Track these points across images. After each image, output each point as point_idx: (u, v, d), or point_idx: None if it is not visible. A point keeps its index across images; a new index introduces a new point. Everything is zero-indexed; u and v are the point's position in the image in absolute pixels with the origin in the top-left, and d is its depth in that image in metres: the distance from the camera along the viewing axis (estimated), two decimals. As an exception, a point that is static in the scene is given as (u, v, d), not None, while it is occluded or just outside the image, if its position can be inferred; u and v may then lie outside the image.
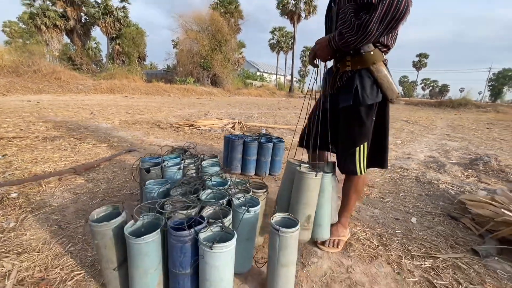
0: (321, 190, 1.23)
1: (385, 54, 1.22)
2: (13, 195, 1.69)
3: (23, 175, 2.04)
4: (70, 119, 4.77)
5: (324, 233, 1.32)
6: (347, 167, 1.30)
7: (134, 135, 3.78)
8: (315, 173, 1.16)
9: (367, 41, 1.06)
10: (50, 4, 21.79)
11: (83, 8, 23.21)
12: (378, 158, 1.35)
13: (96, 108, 6.68)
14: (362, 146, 1.26)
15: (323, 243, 1.39)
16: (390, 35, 1.17)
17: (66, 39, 24.06)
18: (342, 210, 1.47)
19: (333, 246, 1.38)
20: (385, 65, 1.22)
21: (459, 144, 4.85)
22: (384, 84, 1.19)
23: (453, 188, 2.42)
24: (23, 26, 22.93)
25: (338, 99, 1.28)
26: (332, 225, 1.42)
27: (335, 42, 1.12)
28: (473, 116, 11.90)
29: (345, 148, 1.29)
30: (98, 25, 23.36)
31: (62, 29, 22.49)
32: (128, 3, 24.27)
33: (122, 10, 24.07)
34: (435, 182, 2.60)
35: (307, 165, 1.31)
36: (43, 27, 21.29)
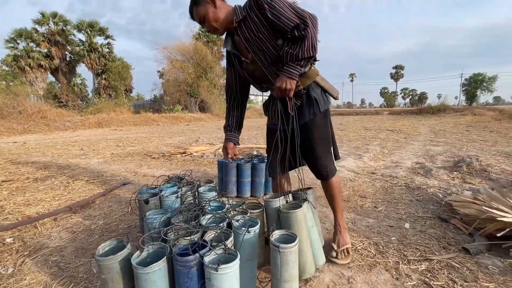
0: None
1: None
2: (9, 240, 1.67)
3: (17, 219, 2.01)
4: (60, 157, 4.72)
5: (320, 259, 1.33)
6: (331, 169, 1.42)
7: (127, 168, 3.78)
8: (298, 209, 1.21)
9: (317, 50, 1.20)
10: (34, 46, 22.11)
11: (68, 47, 23.63)
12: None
13: (86, 143, 6.64)
14: (331, 150, 1.46)
15: (336, 256, 1.42)
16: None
17: (51, 78, 24.21)
18: (336, 214, 1.52)
19: (345, 256, 1.43)
20: None
21: (442, 148, 5.07)
22: (328, 88, 1.39)
23: (441, 191, 2.53)
24: (6, 68, 23.05)
25: (301, 116, 1.38)
26: (334, 235, 1.49)
27: (297, 68, 1.20)
28: (452, 120, 12.47)
29: (324, 152, 1.40)
30: (84, 62, 23.69)
31: (46, 69, 22.68)
32: (113, 39, 24.94)
33: (107, 46, 24.64)
34: (423, 187, 2.71)
35: (282, 199, 1.34)
36: (27, 68, 21.42)
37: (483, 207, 1.58)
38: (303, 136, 1.38)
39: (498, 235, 1.41)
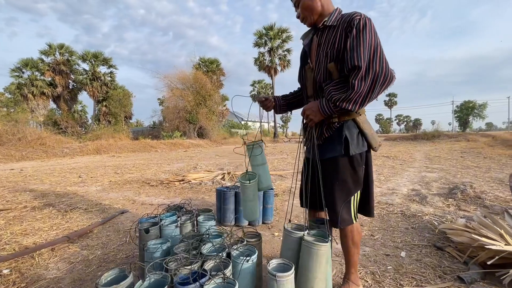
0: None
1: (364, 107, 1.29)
2: (5, 271, 1.66)
3: (14, 249, 2.00)
4: (58, 185, 4.72)
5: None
6: (343, 218, 1.26)
7: (125, 196, 3.79)
8: (325, 242, 1.14)
9: (362, 106, 1.12)
10: (39, 75, 22.85)
11: (72, 76, 24.43)
12: (365, 206, 1.38)
13: (84, 170, 6.65)
14: (356, 194, 1.28)
15: None
16: None
17: (53, 105, 24.70)
18: (348, 267, 1.41)
19: None
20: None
21: (437, 174, 5.15)
22: (368, 134, 1.25)
23: (436, 219, 2.57)
24: (9, 96, 23.60)
25: (326, 150, 1.29)
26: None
27: (329, 109, 1.16)
28: (447, 146, 12.71)
29: (340, 197, 1.25)
30: (86, 90, 24.37)
31: (49, 96, 23.26)
32: (116, 69, 25.91)
33: (109, 75, 25.53)
34: (419, 214, 2.74)
35: (306, 229, 1.28)
36: (30, 95, 21.94)
37: (473, 235, 1.63)
38: (324, 172, 1.28)
39: (489, 263, 1.45)
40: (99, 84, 24.46)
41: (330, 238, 1.19)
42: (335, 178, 1.25)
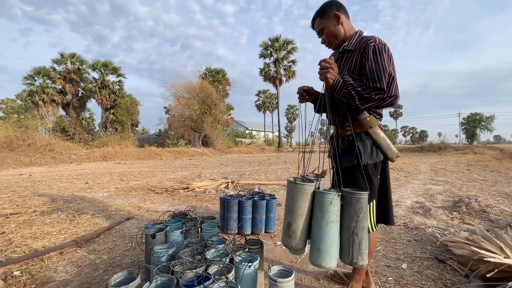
0: (321, 209, 1.15)
1: (379, 121, 1.38)
2: (16, 273, 1.73)
3: (24, 252, 2.07)
4: (65, 190, 4.83)
5: (323, 260, 1.14)
6: None
7: (131, 202, 3.86)
8: (296, 182, 1.20)
9: (362, 106, 1.22)
10: (50, 83, 23.51)
11: (81, 84, 25.08)
12: (384, 215, 1.43)
13: (90, 177, 6.77)
14: (371, 203, 1.33)
15: None
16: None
17: (62, 112, 25.28)
18: (354, 273, 1.48)
19: None
20: (381, 129, 1.37)
21: (442, 187, 5.11)
22: (383, 145, 1.32)
23: (439, 231, 2.57)
24: (20, 103, 24.26)
25: (341, 160, 1.37)
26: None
27: (340, 87, 1.23)
28: (453, 158, 12.57)
29: None
30: (94, 98, 24.93)
31: (59, 103, 23.83)
32: (124, 78, 26.53)
33: (118, 83, 26.12)
34: (422, 227, 2.74)
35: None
36: (40, 102, 22.53)
37: (473, 247, 1.64)
38: (343, 180, 1.32)
39: (488, 275, 1.46)
40: (108, 92, 25.01)
41: (334, 194, 1.17)
42: (352, 187, 1.31)
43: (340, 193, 1.16)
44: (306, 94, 1.49)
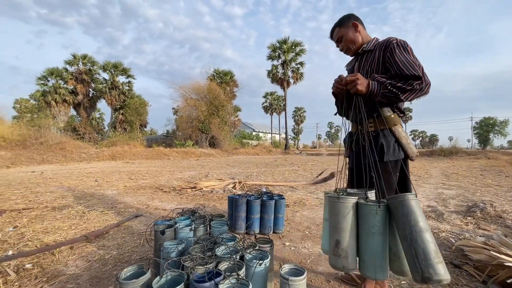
0: (361, 220, 1.10)
1: (401, 119, 1.40)
2: (28, 266, 1.75)
3: (36, 246, 2.10)
4: (76, 187, 4.90)
5: (367, 270, 1.08)
6: None
7: (139, 200, 3.89)
8: (339, 196, 1.11)
9: (406, 100, 1.24)
10: (63, 83, 24.09)
11: (92, 85, 25.60)
12: None
13: (100, 175, 6.87)
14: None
15: None
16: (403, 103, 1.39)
17: (73, 112, 25.84)
18: None
19: None
20: (402, 127, 1.38)
21: (455, 192, 4.98)
22: (405, 143, 1.33)
23: (453, 236, 2.49)
24: (34, 102, 24.91)
25: (361, 157, 1.38)
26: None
27: (378, 89, 1.24)
28: (465, 163, 12.25)
29: None
30: (104, 98, 25.39)
31: (70, 103, 24.37)
32: (133, 79, 26.94)
33: (127, 84, 26.55)
34: (435, 231, 2.66)
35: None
36: (53, 102, 23.10)
37: (492, 252, 1.58)
38: (362, 176, 1.35)
39: (509, 281, 1.40)
40: (117, 93, 25.44)
41: (376, 206, 1.08)
42: (371, 184, 1.31)
43: (380, 203, 1.06)
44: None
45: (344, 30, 1.47)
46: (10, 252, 1.95)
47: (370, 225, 1.05)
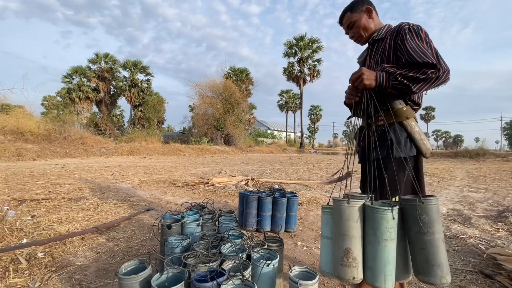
0: (372, 226, 0.99)
1: (415, 112, 1.27)
2: (40, 254, 1.76)
3: (49, 235, 2.13)
4: (93, 180, 5.04)
5: (376, 280, 0.97)
6: None
7: (152, 194, 3.92)
8: (346, 200, 1.00)
9: (419, 91, 1.11)
10: (86, 81, 25.10)
11: (113, 82, 26.50)
12: None
13: (117, 169, 7.05)
14: (393, 199, 1.17)
15: None
16: (421, 93, 1.26)
17: (95, 108, 26.90)
18: None
19: None
20: (416, 121, 1.25)
21: (483, 195, 4.63)
22: (417, 139, 1.21)
23: (483, 243, 2.28)
24: (60, 99, 26.13)
25: (369, 152, 1.27)
26: None
27: (387, 81, 1.12)
28: (494, 166, 11.48)
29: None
30: (124, 95, 26.22)
31: (92, 100, 25.37)
32: (152, 76, 27.59)
33: (146, 82, 27.24)
34: (461, 236, 2.46)
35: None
36: (77, 99, 24.15)
37: (533, 262, 1.40)
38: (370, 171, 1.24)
39: (555, 297, 1.22)
40: (137, 90, 26.16)
41: (384, 209, 0.98)
42: (379, 180, 1.18)
43: (394, 207, 0.95)
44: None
45: (357, 15, 1.33)
46: (25, 240, 1.99)
47: (383, 231, 0.94)
